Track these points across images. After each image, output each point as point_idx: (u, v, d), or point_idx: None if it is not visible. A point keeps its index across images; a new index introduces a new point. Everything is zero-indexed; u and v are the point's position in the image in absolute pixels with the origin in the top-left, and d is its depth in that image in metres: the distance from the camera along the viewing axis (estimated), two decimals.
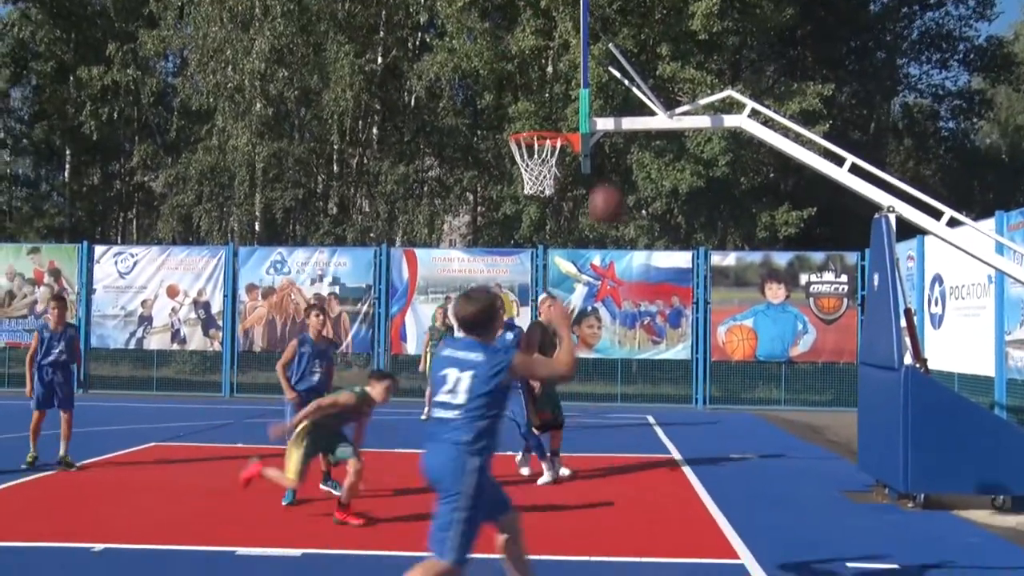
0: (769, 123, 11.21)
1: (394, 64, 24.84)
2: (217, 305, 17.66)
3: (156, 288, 17.75)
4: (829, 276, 16.77)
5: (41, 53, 28.90)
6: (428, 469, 4.29)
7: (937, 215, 8.63)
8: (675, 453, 10.87)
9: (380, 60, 24.61)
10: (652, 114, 9.12)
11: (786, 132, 10.68)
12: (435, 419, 4.33)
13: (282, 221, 25.32)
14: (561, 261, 17.16)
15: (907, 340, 8.18)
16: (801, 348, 16.67)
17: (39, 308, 17.79)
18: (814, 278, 16.79)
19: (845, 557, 6.18)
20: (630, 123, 9.64)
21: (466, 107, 26.31)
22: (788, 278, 16.84)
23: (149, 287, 17.77)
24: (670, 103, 12.03)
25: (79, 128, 27.84)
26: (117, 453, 10.14)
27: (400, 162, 23.70)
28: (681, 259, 17.21)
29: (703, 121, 10.12)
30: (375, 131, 25.22)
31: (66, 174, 31.20)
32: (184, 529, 6.70)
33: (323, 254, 17.89)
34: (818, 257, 17.04)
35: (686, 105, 9.80)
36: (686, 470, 9.66)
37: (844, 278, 16.71)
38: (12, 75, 30.23)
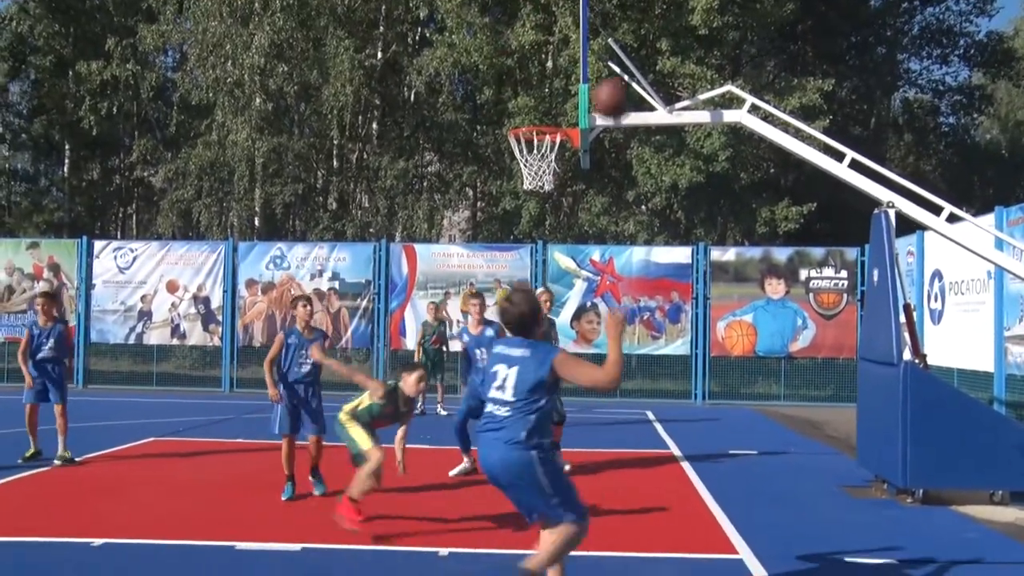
0: (769, 118, 11.18)
1: (394, 59, 24.80)
2: (217, 300, 17.67)
3: (156, 283, 17.75)
4: (829, 272, 16.77)
5: (40, 47, 28.82)
6: (490, 468, 4.48)
7: (937, 211, 8.63)
8: (674, 448, 10.88)
9: (380, 55, 24.58)
10: (652, 109, 9.11)
11: (786, 127, 10.69)
12: (488, 414, 4.51)
13: (282, 216, 25.30)
14: (560, 256, 17.16)
15: (906, 336, 8.19)
16: (801, 343, 16.68)
17: (38, 303, 17.78)
18: (814, 273, 16.79)
19: (844, 552, 6.19)
20: (630, 118, 9.63)
21: (466, 102, 26.25)
22: (788, 273, 16.85)
23: (149, 282, 17.77)
24: (670, 98, 11.98)
25: (78, 123, 27.78)
26: (117, 448, 10.14)
27: (400, 157, 23.68)
28: (681, 254, 17.21)
29: (703, 116, 10.08)
30: (375, 126, 25.19)
31: (65, 169, 31.14)
32: (183, 524, 6.71)
33: (323, 249, 17.90)
34: (818, 252, 17.04)
35: (686, 100, 9.78)
36: (685, 465, 9.67)
37: (844, 273, 16.71)
38: (11, 69, 30.18)
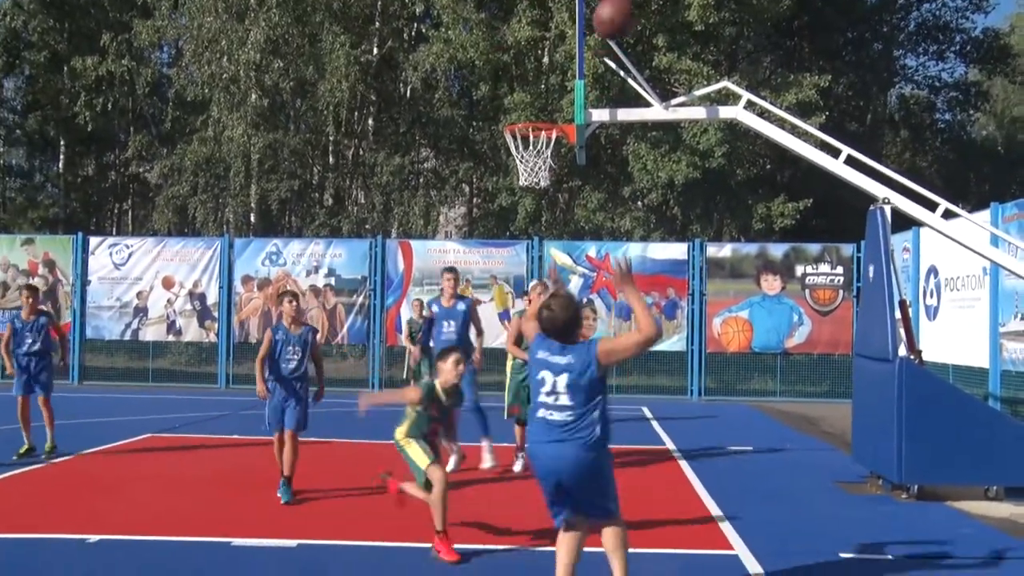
0: (765, 115, 11.20)
1: (390, 55, 24.76)
2: (213, 296, 17.65)
3: (151, 279, 17.73)
4: (825, 268, 16.79)
5: (34, 43, 28.69)
6: (560, 470, 4.52)
7: (932, 207, 8.64)
8: (670, 444, 10.89)
9: (376, 51, 24.53)
10: (648, 105, 9.10)
11: (782, 124, 10.69)
12: (541, 419, 4.56)
13: (278, 212, 25.27)
14: (557, 253, 17.16)
15: (902, 332, 8.20)
16: (796, 340, 16.70)
17: (40, 296, 17.76)
18: (810, 270, 16.81)
19: (839, 548, 6.20)
20: (626, 114, 9.63)
21: (462, 98, 26.22)
22: (784, 270, 16.86)
23: (144, 278, 17.75)
24: (666, 94, 12.00)
25: (73, 118, 27.69)
26: (113, 444, 10.12)
27: (396, 153, 23.65)
28: (677, 251, 17.21)
29: (699, 112, 10.09)
30: (371, 122, 25.16)
31: (60, 165, 31.07)
32: (179, 520, 6.70)
33: (319, 245, 17.88)
34: (814, 249, 17.05)
35: (682, 96, 9.77)
36: (681, 462, 9.68)
37: (840, 270, 16.73)
38: (5, 65, 30.01)
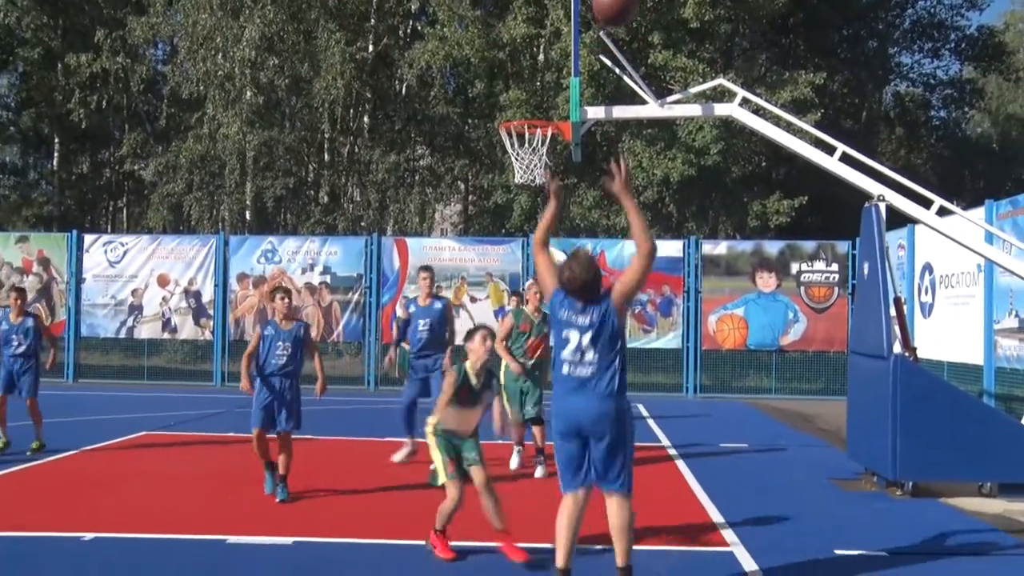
0: (760, 112, 11.21)
1: (385, 52, 24.72)
2: (208, 294, 17.62)
3: (146, 277, 17.69)
4: (820, 265, 16.81)
5: (27, 40, 28.59)
6: (583, 421, 4.80)
7: (927, 204, 8.66)
8: (665, 441, 10.90)
9: (371, 48, 24.49)
10: (643, 102, 9.11)
11: (777, 121, 10.69)
12: (566, 375, 4.82)
13: (273, 210, 25.21)
14: (552, 250, 17.12)
15: (896, 329, 8.21)
16: (792, 337, 16.72)
17: (28, 297, 17.72)
18: (805, 267, 16.83)
19: (834, 544, 6.21)
20: (621, 111, 9.63)
21: (457, 95, 26.18)
22: (779, 267, 16.88)
23: (139, 276, 17.72)
24: (661, 91, 11.98)
25: (67, 116, 27.59)
26: (108, 442, 10.10)
27: (391, 151, 23.62)
28: (672, 248, 17.21)
29: (694, 110, 10.11)
30: (366, 119, 25.11)
31: (54, 162, 30.96)
32: (175, 518, 6.69)
33: (314, 243, 17.86)
34: (809, 246, 17.07)
35: (677, 94, 9.77)
36: (676, 458, 9.69)
37: (835, 267, 16.76)
38: None
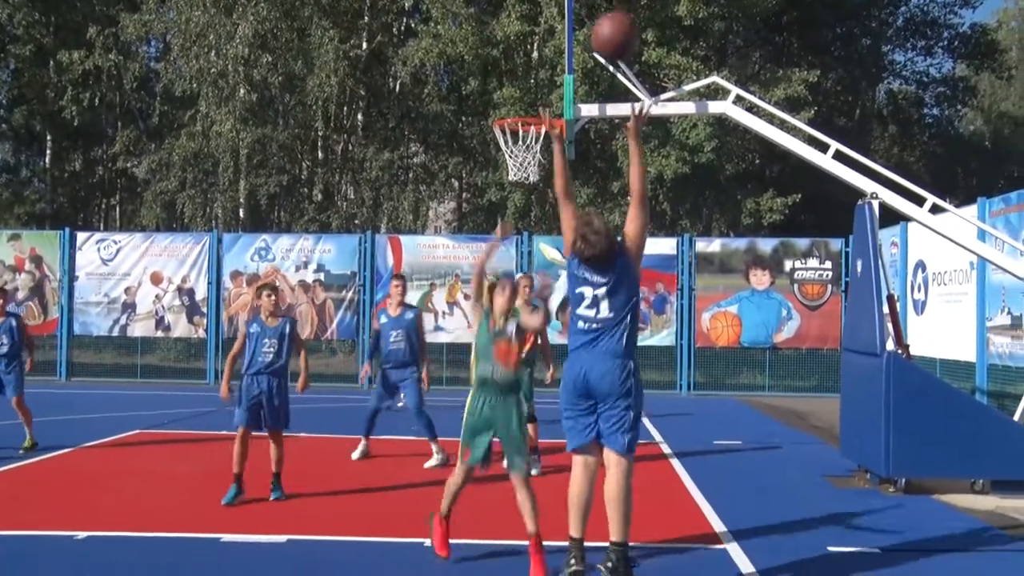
0: (754, 109, 11.22)
1: (379, 50, 24.68)
2: (201, 292, 17.58)
3: (140, 275, 17.65)
4: (813, 262, 16.84)
5: (19, 36, 28.48)
6: (587, 378, 4.82)
7: (920, 202, 8.68)
8: (659, 439, 10.92)
9: (365, 46, 24.45)
10: (637, 100, 9.11)
11: (771, 119, 10.70)
12: (580, 330, 4.83)
13: (266, 207, 25.17)
14: (546, 248, 17.15)
15: (890, 326, 8.24)
16: (785, 334, 16.75)
17: (20, 296, 17.69)
18: (798, 264, 16.86)
19: (827, 541, 6.23)
20: (615, 109, 9.62)
21: (451, 93, 26.15)
22: (773, 264, 16.91)
23: (132, 274, 17.67)
24: (655, 89, 12.01)
25: (60, 113, 27.52)
26: (101, 440, 10.08)
27: (385, 148, 23.59)
28: (666, 245, 17.23)
29: (688, 107, 10.11)
30: (360, 117, 25.08)
31: (47, 160, 30.87)
32: (168, 516, 6.68)
33: (308, 241, 17.83)
34: (802, 243, 17.10)
35: (671, 91, 9.79)
36: (670, 455, 9.71)
37: (828, 264, 16.79)
38: None
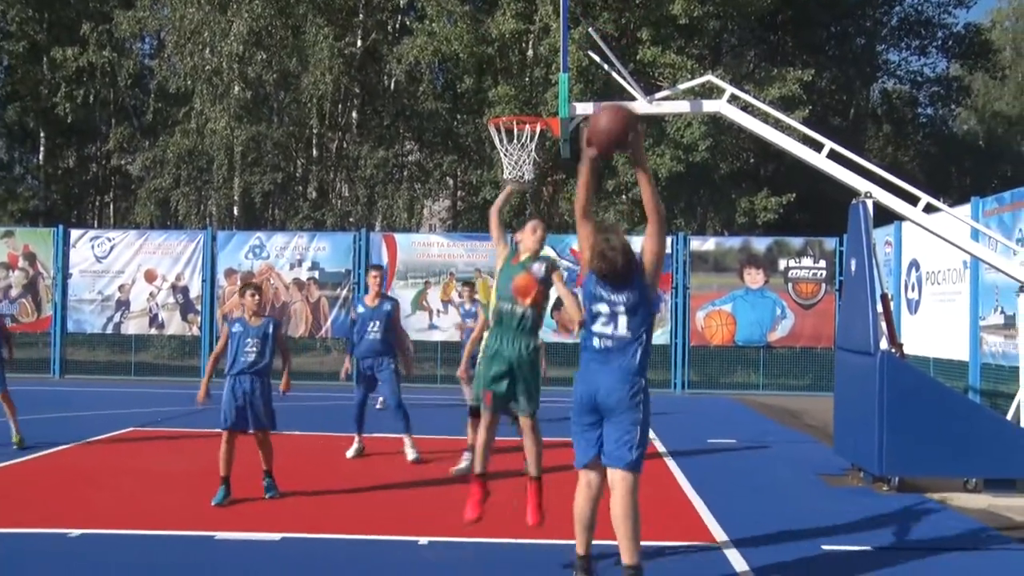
0: (749, 108, 11.23)
1: (374, 47, 24.65)
2: (195, 290, 17.55)
3: (133, 273, 17.61)
4: (808, 261, 16.87)
5: (13, 33, 28.37)
6: (595, 394, 4.86)
7: (914, 201, 8.70)
8: (654, 437, 10.93)
9: (359, 43, 24.41)
10: (632, 99, 9.11)
11: (765, 118, 10.72)
12: (592, 347, 4.86)
13: (261, 205, 25.14)
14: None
15: (883, 325, 8.26)
16: (779, 333, 16.78)
17: (13, 293, 17.65)
18: (793, 263, 16.89)
19: (821, 539, 6.25)
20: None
21: (446, 91, 26.15)
22: (767, 263, 16.94)
23: (126, 272, 17.63)
24: (650, 88, 12.02)
25: (53, 110, 27.43)
26: (95, 438, 10.07)
27: (380, 146, 23.56)
28: None
29: (683, 106, 10.12)
30: (354, 115, 25.04)
31: (40, 157, 30.76)
32: (162, 514, 6.67)
33: (302, 239, 17.81)
34: (797, 242, 17.13)
35: (666, 90, 9.79)
36: (664, 454, 9.72)
37: (822, 263, 16.82)
38: None
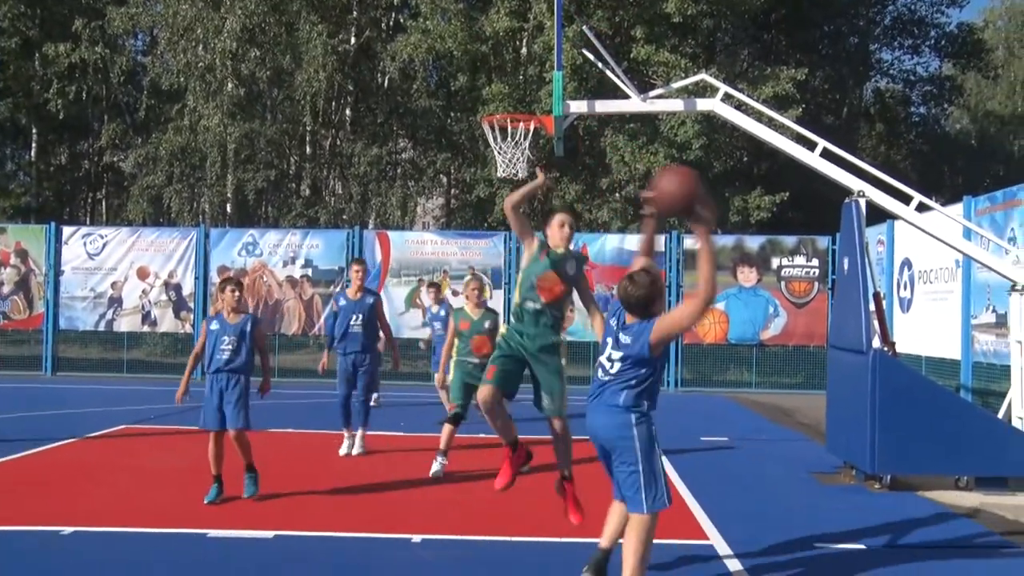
0: (742, 107, 11.25)
1: (367, 45, 24.61)
2: (188, 287, 17.51)
3: (126, 270, 17.55)
4: (800, 260, 16.91)
5: (5, 29, 28.19)
6: (592, 431, 4.82)
7: (906, 200, 8.73)
8: None
9: (353, 41, 24.38)
10: (626, 97, 9.13)
11: (759, 116, 10.74)
12: (595, 380, 4.84)
13: (254, 203, 25.07)
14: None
15: (876, 324, 8.28)
16: (772, 331, 16.82)
17: (5, 290, 17.58)
18: (785, 262, 16.92)
19: (813, 537, 6.27)
20: (604, 106, 9.67)
21: (440, 89, 26.10)
22: (760, 262, 16.97)
23: (119, 269, 17.57)
24: (644, 86, 12.02)
25: (45, 106, 27.32)
26: (87, 435, 10.04)
27: (373, 144, 23.53)
28: None
29: (676, 104, 10.13)
30: (348, 112, 25.01)
31: (32, 153, 30.64)
32: (155, 512, 6.66)
33: (295, 236, 17.77)
34: (790, 241, 17.17)
35: (660, 88, 9.81)
36: None
37: (815, 262, 16.86)
38: None
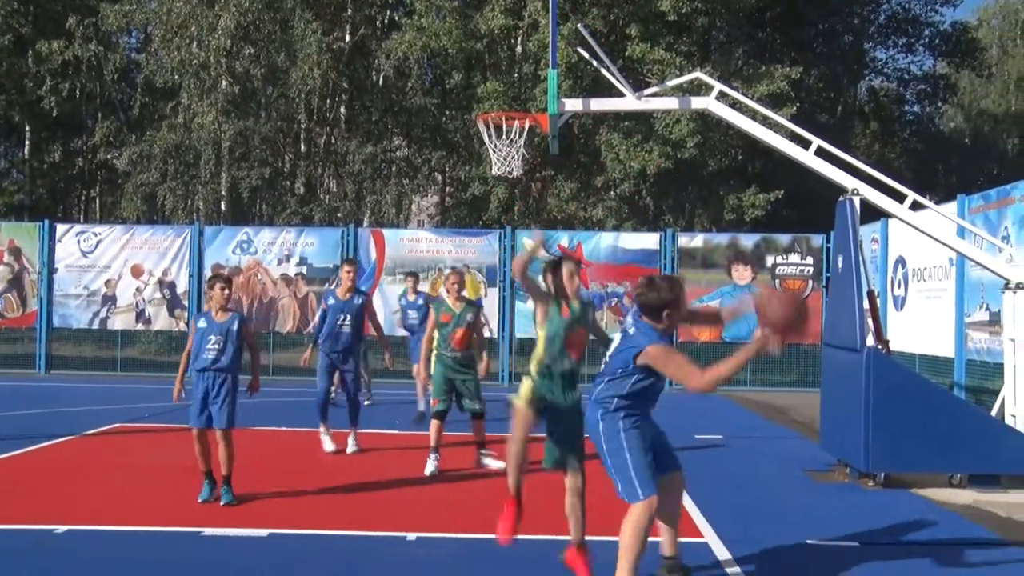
0: (737, 105, 11.27)
1: (362, 42, 24.58)
2: (182, 285, 17.47)
3: (120, 268, 17.51)
4: (795, 258, 16.93)
5: None
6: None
7: (900, 198, 8.75)
8: None
9: (348, 38, 24.35)
10: (621, 95, 9.13)
11: (753, 115, 10.75)
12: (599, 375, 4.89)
13: (248, 200, 25.05)
14: (529, 242, 17.16)
15: (870, 322, 8.30)
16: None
17: None
18: (780, 260, 16.94)
19: (807, 535, 6.28)
20: (599, 104, 9.66)
21: (435, 86, 26.09)
22: (754, 260, 16.99)
23: (113, 267, 17.53)
24: (639, 84, 12.02)
25: (39, 103, 27.24)
26: (81, 434, 10.01)
27: (368, 142, 23.51)
28: (649, 240, 17.28)
29: (671, 103, 10.13)
30: (343, 110, 24.99)
31: (26, 150, 30.54)
32: (149, 510, 6.65)
33: (290, 234, 17.74)
34: (784, 239, 17.19)
35: (654, 87, 9.81)
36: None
37: (810, 260, 16.89)
38: None
